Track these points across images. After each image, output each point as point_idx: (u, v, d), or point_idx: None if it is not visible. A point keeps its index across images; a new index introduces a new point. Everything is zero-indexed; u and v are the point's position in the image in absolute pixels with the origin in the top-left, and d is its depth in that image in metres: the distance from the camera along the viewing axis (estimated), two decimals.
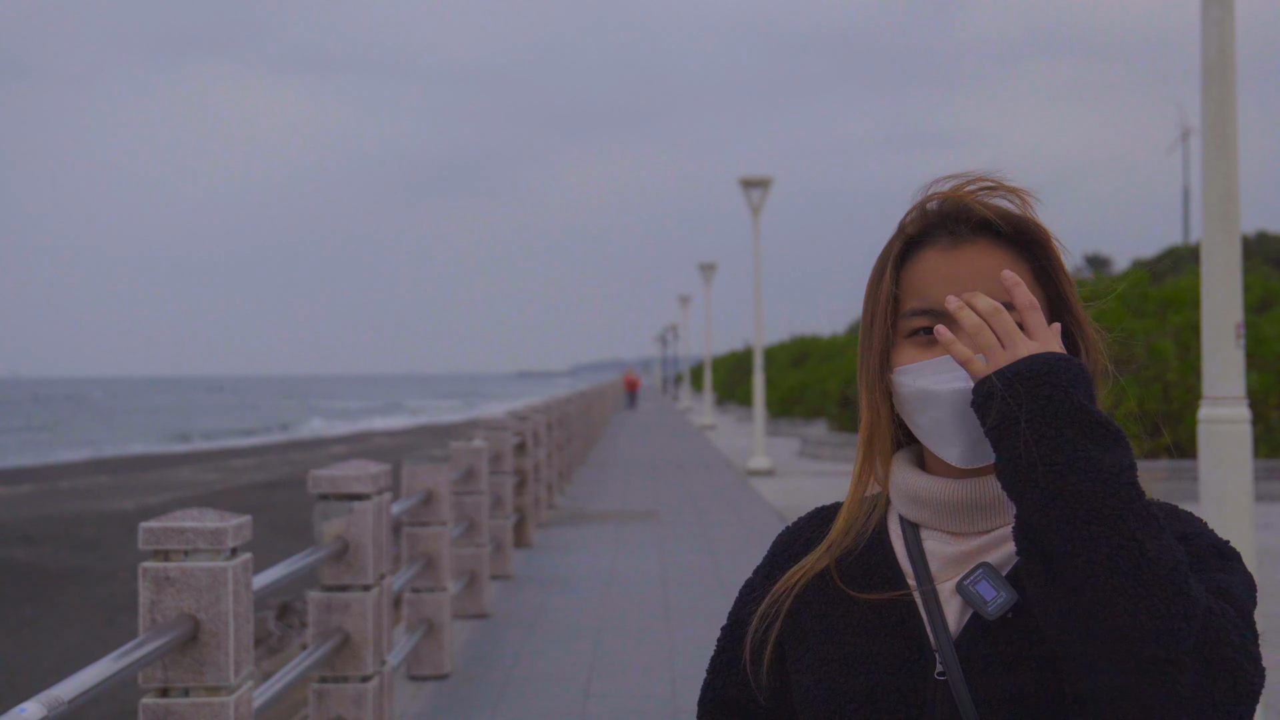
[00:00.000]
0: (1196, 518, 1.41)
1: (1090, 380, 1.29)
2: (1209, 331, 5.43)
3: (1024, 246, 1.43)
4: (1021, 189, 1.45)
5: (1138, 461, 1.29)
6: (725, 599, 8.48)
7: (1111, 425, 1.26)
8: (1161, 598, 1.20)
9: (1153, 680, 1.20)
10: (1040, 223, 1.43)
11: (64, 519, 19.61)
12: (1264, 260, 46.86)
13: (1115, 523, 1.21)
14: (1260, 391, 16.24)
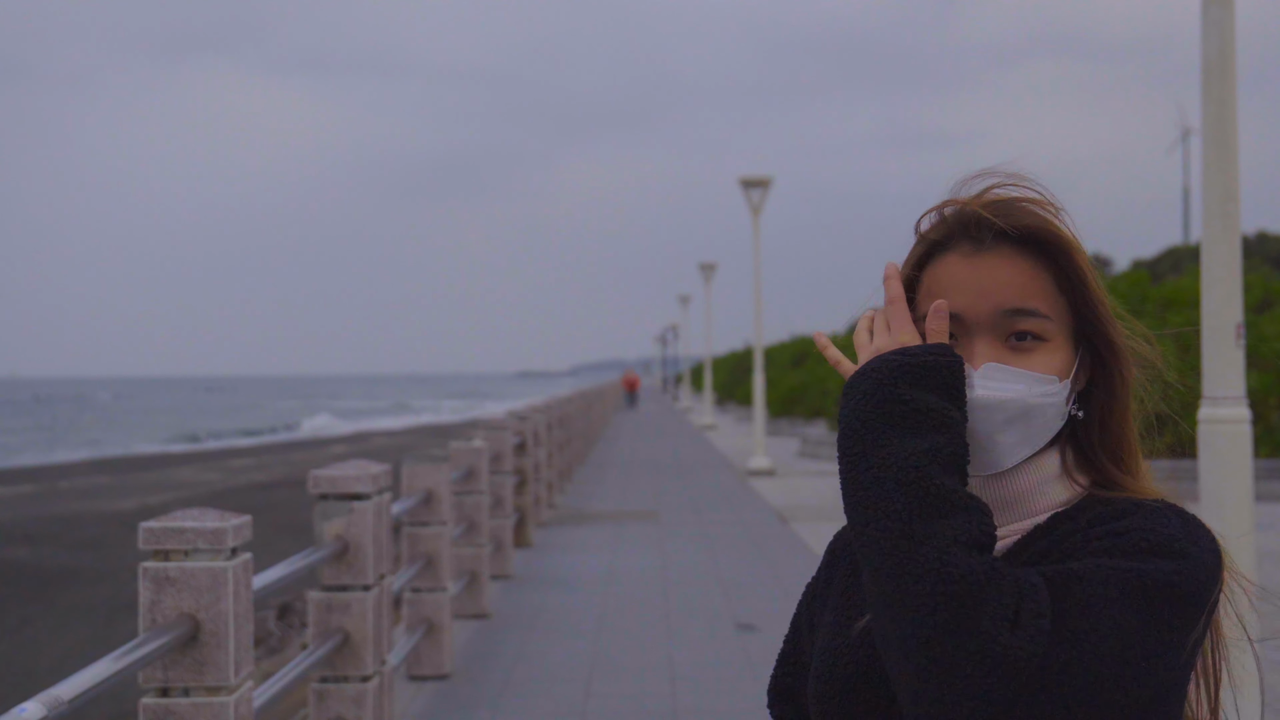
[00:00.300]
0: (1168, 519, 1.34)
1: (927, 370, 1.33)
2: (1209, 331, 5.42)
3: (1048, 255, 1.42)
4: (1044, 197, 1.45)
5: (1162, 461, 1.38)
6: (725, 599, 8.50)
7: (929, 412, 1.31)
8: (916, 576, 1.23)
9: (905, 650, 1.24)
10: (1063, 231, 1.42)
11: (64, 519, 19.61)
12: (1264, 260, 46.85)
13: (885, 504, 1.27)
14: (1260, 391, 16.25)
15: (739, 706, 6.53)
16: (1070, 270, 1.41)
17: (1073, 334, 1.43)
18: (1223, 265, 5.40)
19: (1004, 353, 1.40)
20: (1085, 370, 1.44)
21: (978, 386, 1.38)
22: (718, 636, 8.16)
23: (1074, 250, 1.42)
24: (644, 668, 7.36)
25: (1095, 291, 1.41)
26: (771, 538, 13.06)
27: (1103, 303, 1.42)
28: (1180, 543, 1.30)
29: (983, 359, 1.39)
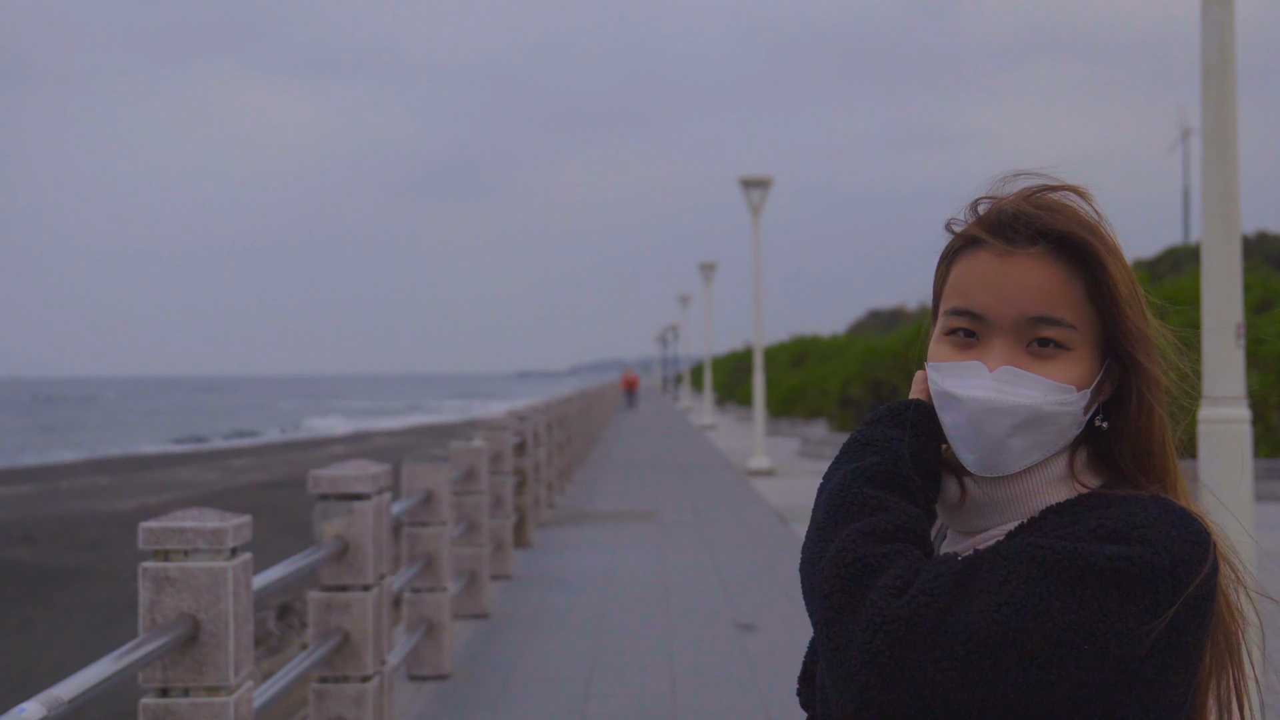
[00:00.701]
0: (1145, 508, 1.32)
1: (888, 411, 1.45)
2: (1209, 331, 5.43)
3: (1082, 263, 1.38)
4: (1084, 204, 1.43)
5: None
6: (725, 599, 8.51)
7: (872, 441, 1.42)
8: (820, 567, 1.32)
9: (819, 636, 1.31)
10: (1099, 240, 1.39)
11: (64, 519, 19.61)
12: (1264, 260, 46.83)
13: (814, 519, 1.39)
14: (1260, 391, 16.25)
15: (739, 706, 6.53)
16: (1103, 282, 1.38)
17: (1099, 345, 1.40)
18: (1223, 265, 5.40)
19: (1023, 357, 1.38)
20: (1113, 380, 1.42)
21: (990, 389, 1.37)
22: (718, 636, 8.16)
23: (1108, 261, 1.38)
24: (644, 668, 7.36)
25: (1125, 307, 1.38)
26: (771, 538, 13.06)
27: (1132, 319, 1.39)
28: (1142, 530, 1.28)
29: (999, 362, 1.38)
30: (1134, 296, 1.40)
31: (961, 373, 1.39)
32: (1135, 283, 1.41)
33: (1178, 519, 1.32)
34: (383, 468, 5.43)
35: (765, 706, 6.52)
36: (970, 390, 1.38)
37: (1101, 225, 1.41)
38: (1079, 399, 1.38)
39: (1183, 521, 1.32)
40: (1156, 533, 1.28)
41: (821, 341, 47.87)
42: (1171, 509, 1.33)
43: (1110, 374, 1.41)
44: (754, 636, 8.13)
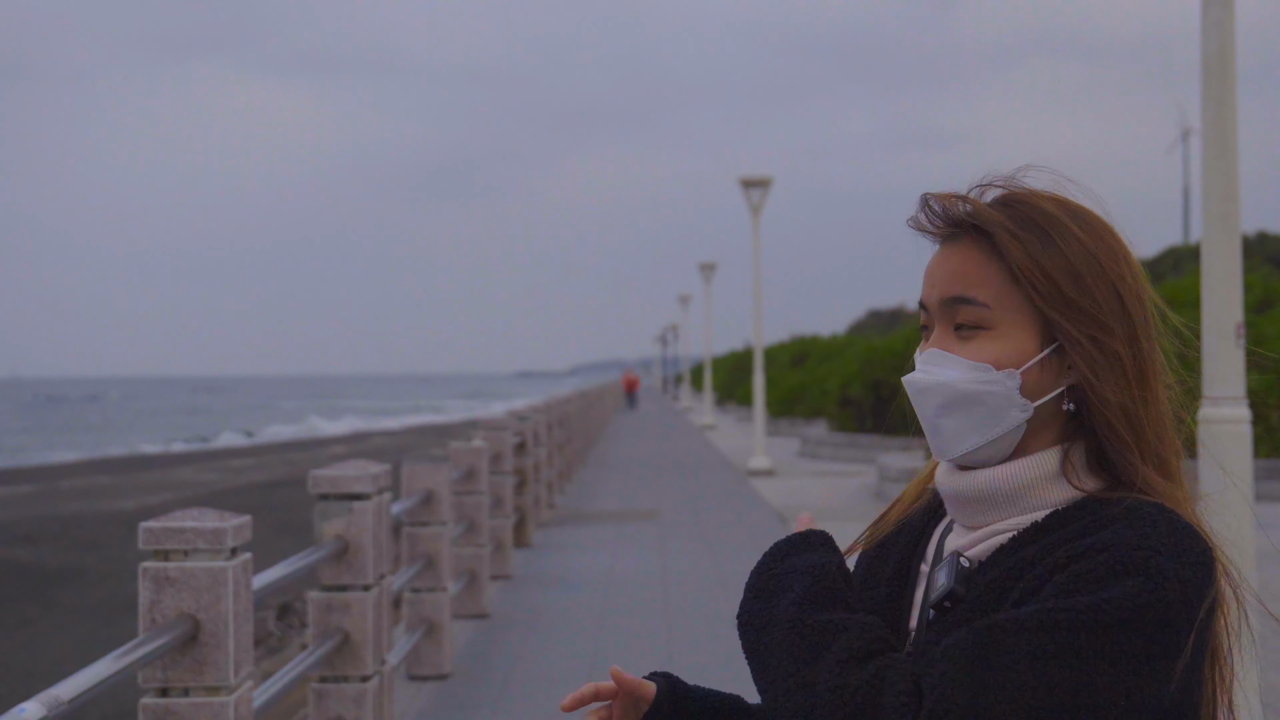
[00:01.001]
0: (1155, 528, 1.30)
1: (792, 542, 1.49)
2: (1209, 331, 5.42)
3: (996, 245, 1.39)
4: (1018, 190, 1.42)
5: None
6: (725, 599, 8.49)
7: (793, 571, 1.43)
8: (822, 713, 1.27)
9: None
10: (1002, 219, 1.38)
11: (64, 519, 19.61)
12: (1264, 260, 46.83)
13: (777, 666, 1.35)
14: (1260, 391, 16.25)
15: None
16: (1010, 262, 1.37)
17: (1036, 327, 1.38)
18: (1223, 265, 5.40)
19: (951, 340, 1.40)
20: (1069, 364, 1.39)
21: (918, 371, 1.41)
22: (718, 636, 8.16)
23: (1004, 241, 1.37)
24: (644, 668, 7.34)
25: (1039, 283, 1.36)
26: (771, 538, 12.98)
27: (1055, 297, 1.36)
28: (1151, 557, 1.25)
29: (930, 345, 1.42)
30: (1071, 275, 1.36)
31: (913, 363, 1.44)
32: (1092, 261, 1.37)
33: (1182, 538, 1.29)
34: (383, 468, 5.43)
35: None
36: (909, 375, 1.43)
37: (1038, 205, 1.39)
38: (1001, 378, 1.37)
39: (1187, 540, 1.30)
40: (1165, 558, 1.26)
41: (821, 341, 47.88)
42: (1175, 525, 1.31)
43: (1071, 358, 1.38)
44: None
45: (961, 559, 1.38)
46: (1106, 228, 1.41)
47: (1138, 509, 1.31)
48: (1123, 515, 1.31)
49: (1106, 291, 1.37)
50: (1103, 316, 1.36)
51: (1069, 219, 1.39)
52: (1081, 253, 1.37)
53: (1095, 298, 1.37)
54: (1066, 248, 1.37)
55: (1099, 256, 1.38)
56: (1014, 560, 1.33)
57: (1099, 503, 1.35)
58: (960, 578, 1.36)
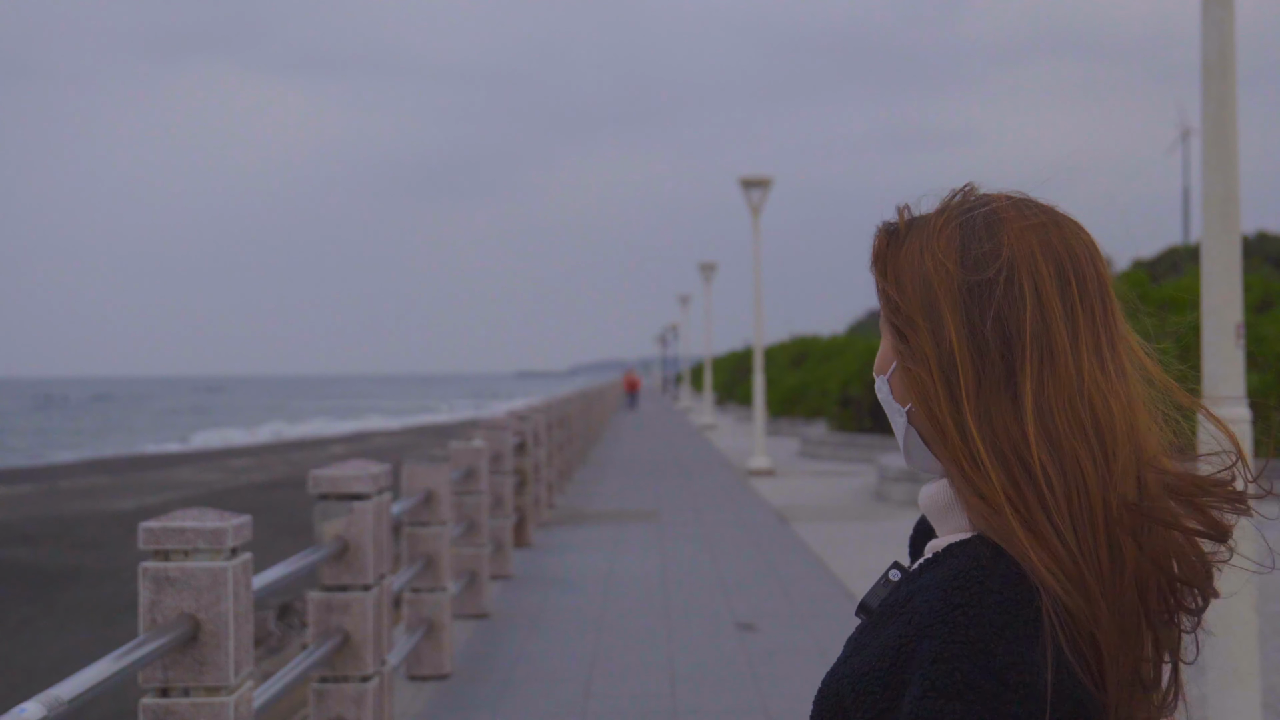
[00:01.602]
0: (949, 617, 1.15)
1: None
2: (1209, 331, 5.42)
3: None
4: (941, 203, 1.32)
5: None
6: (725, 599, 8.49)
7: None
8: None
9: None
10: (879, 234, 1.33)
11: (64, 519, 19.61)
12: (1264, 260, 46.83)
13: None
14: (1260, 391, 16.25)
15: (739, 706, 6.53)
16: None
17: None
18: (1223, 265, 5.40)
19: None
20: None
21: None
22: (718, 636, 8.16)
23: (873, 247, 1.33)
24: (644, 668, 7.36)
25: (880, 289, 1.31)
26: (771, 538, 13.06)
27: (882, 302, 1.30)
28: (964, 672, 1.12)
29: None
30: (898, 275, 1.28)
31: None
32: (920, 258, 1.27)
33: (981, 628, 1.13)
34: (383, 468, 5.43)
35: (765, 706, 6.51)
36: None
37: (916, 213, 1.32)
38: (880, 384, 1.34)
39: (986, 629, 1.13)
40: (971, 669, 1.12)
41: (821, 341, 47.87)
42: (972, 608, 1.15)
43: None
44: (754, 636, 8.13)
45: (893, 571, 1.32)
46: (975, 217, 1.27)
47: (967, 571, 1.18)
48: (952, 574, 1.19)
49: (920, 288, 1.26)
50: (912, 315, 1.26)
51: (946, 216, 1.29)
52: (915, 249, 1.28)
53: (908, 295, 1.27)
54: (906, 245, 1.29)
55: (925, 251, 1.27)
56: (898, 595, 1.26)
57: (962, 544, 1.23)
58: (880, 590, 1.31)
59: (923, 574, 1.25)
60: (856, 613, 1.33)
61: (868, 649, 1.23)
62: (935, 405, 1.24)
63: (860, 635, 1.28)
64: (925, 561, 1.27)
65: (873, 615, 1.28)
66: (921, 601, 1.19)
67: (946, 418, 1.23)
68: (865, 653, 1.23)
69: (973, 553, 1.20)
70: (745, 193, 22.56)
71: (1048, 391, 1.20)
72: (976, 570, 1.17)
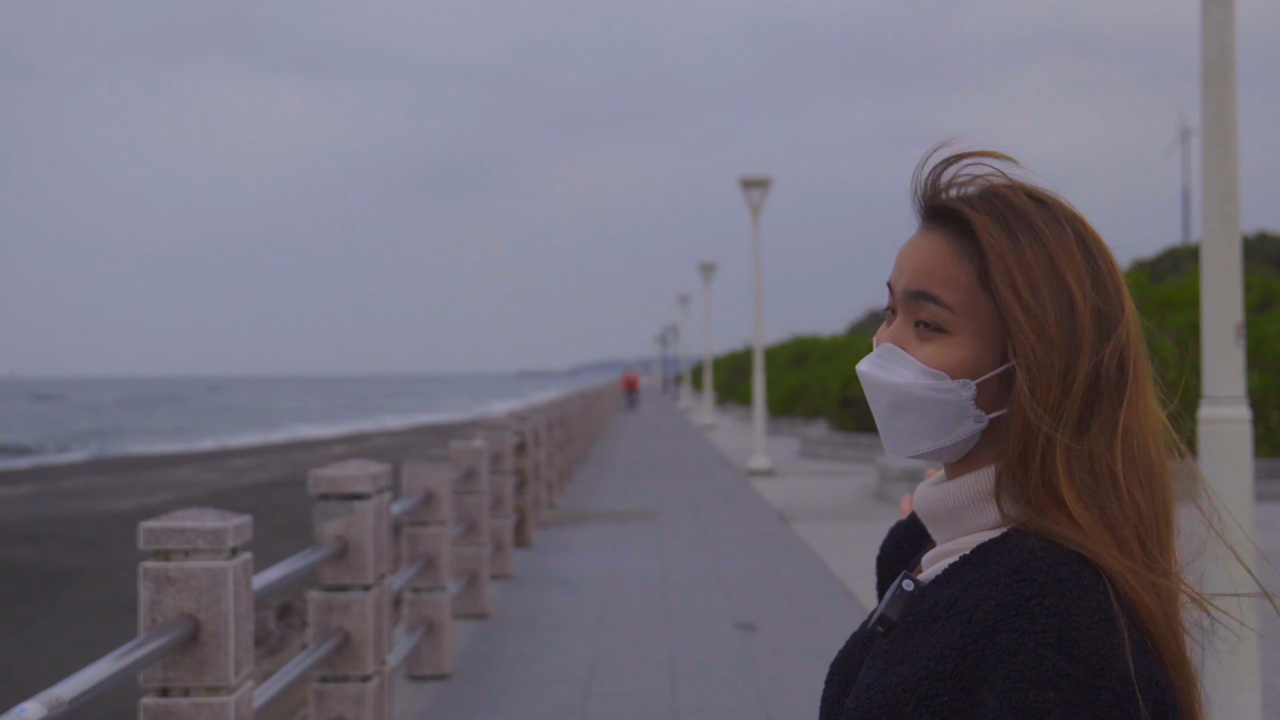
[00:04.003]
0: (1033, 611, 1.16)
1: None
2: (1209, 331, 5.42)
3: (975, 243, 1.29)
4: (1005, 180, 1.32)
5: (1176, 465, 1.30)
6: (725, 599, 8.50)
7: None
8: None
9: None
10: (989, 217, 1.28)
11: (64, 519, 19.61)
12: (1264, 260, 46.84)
13: None
14: (1260, 391, 16.25)
15: (739, 706, 6.53)
16: (985, 266, 1.27)
17: (999, 335, 1.28)
18: (1223, 265, 5.40)
19: (909, 337, 1.31)
20: None
21: (869, 364, 1.33)
22: (718, 636, 8.16)
23: (988, 242, 1.27)
24: (644, 668, 7.36)
25: (1005, 295, 1.26)
26: (771, 538, 13.06)
27: (1019, 310, 1.25)
28: (1051, 660, 1.14)
29: (886, 338, 1.33)
30: (1033, 286, 1.26)
31: (874, 350, 1.36)
32: (1054, 273, 1.26)
33: (1069, 618, 1.16)
34: (383, 468, 5.43)
35: (765, 706, 6.51)
36: (861, 365, 1.35)
37: (1017, 203, 1.29)
38: (955, 388, 1.28)
39: (1075, 615, 1.16)
40: (1058, 658, 1.14)
41: (821, 341, 47.88)
42: (1056, 601, 1.17)
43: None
44: (754, 636, 8.13)
45: (905, 581, 1.31)
46: (1086, 235, 1.30)
47: (1027, 564, 1.20)
48: (1012, 569, 1.20)
49: (1063, 305, 1.26)
50: (1050, 331, 1.25)
51: (1044, 220, 1.29)
52: (1044, 258, 1.26)
53: (1048, 310, 1.25)
54: (1031, 250, 1.26)
55: (1061, 265, 1.26)
56: (934, 598, 1.26)
57: (1004, 540, 1.25)
58: (898, 601, 1.30)
59: (959, 575, 1.25)
60: (875, 626, 1.31)
61: (916, 655, 1.23)
62: (1053, 421, 1.24)
63: (893, 645, 1.27)
64: (958, 563, 1.27)
65: (901, 623, 1.28)
66: (981, 598, 1.20)
67: (1065, 435, 1.24)
68: (915, 659, 1.22)
69: (1023, 546, 1.22)
70: (745, 193, 22.57)
71: (1137, 421, 1.27)
72: (1038, 562, 1.20)
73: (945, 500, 1.32)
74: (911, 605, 1.29)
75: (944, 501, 1.32)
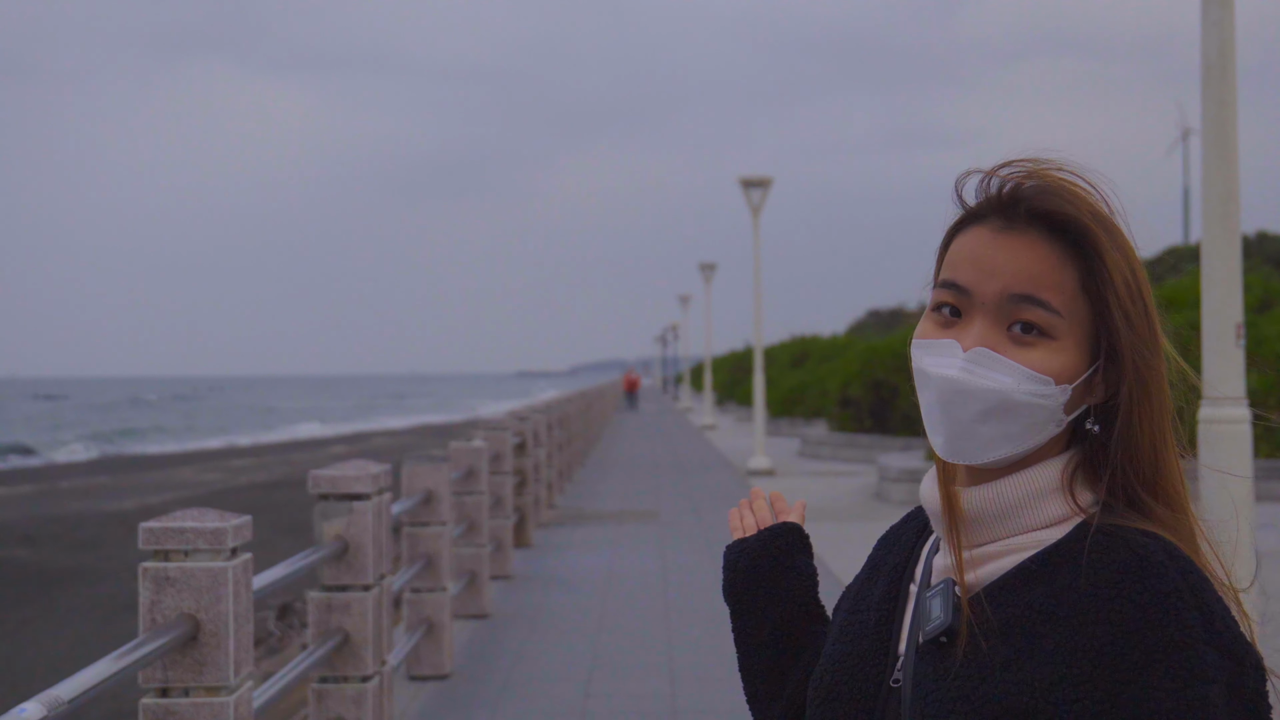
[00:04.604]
0: (1175, 596, 1.22)
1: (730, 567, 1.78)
2: (1209, 331, 5.43)
3: (1079, 251, 1.30)
4: (1096, 193, 1.33)
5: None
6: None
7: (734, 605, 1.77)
8: None
9: None
10: (1098, 228, 1.29)
11: (64, 519, 19.61)
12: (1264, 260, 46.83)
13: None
14: (1260, 391, 16.25)
15: (739, 706, 6.51)
16: (1098, 272, 1.29)
17: (1089, 341, 1.30)
18: (1223, 265, 5.40)
19: (1002, 340, 1.29)
20: (1107, 383, 1.32)
21: (959, 369, 1.29)
22: (718, 636, 8.16)
23: (1107, 252, 1.29)
24: (644, 668, 7.36)
25: (1121, 303, 1.29)
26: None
27: (1127, 317, 1.29)
28: (1199, 648, 1.20)
29: (975, 341, 1.29)
30: (1135, 295, 1.30)
31: (936, 350, 1.32)
32: (1143, 283, 1.32)
33: (1209, 602, 1.23)
34: (383, 468, 5.43)
35: None
36: (942, 369, 1.30)
37: (1112, 217, 1.32)
38: (1057, 393, 1.28)
39: (1216, 604, 1.24)
40: (1207, 648, 1.20)
41: (821, 341, 47.86)
42: (1197, 589, 1.23)
43: (1105, 376, 1.31)
44: None
45: (957, 588, 1.30)
46: (1130, 238, 1.35)
47: (1145, 553, 1.24)
48: (1136, 566, 1.23)
49: (1148, 309, 1.32)
50: (1146, 341, 1.30)
51: (1123, 231, 1.33)
52: (1128, 265, 1.31)
53: (1145, 322, 1.31)
54: (1119, 258, 1.30)
55: (1141, 276, 1.32)
56: (1025, 602, 1.26)
57: (1104, 535, 1.27)
58: (953, 607, 1.29)
59: (1039, 576, 1.27)
60: (934, 639, 1.30)
61: (1030, 660, 1.23)
62: (1153, 427, 1.32)
63: (981, 654, 1.26)
64: (1035, 562, 1.28)
65: (980, 630, 1.27)
66: (1109, 598, 1.22)
67: (1164, 440, 1.33)
68: (1030, 664, 1.23)
69: (1130, 541, 1.26)
70: (745, 193, 22.57)
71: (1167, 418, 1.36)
72: (1155, 557, 1.24)
73: (1002, 497, 1.32)
74: (980, 611, 1.28)
75: (1001, 498, 1.32)
